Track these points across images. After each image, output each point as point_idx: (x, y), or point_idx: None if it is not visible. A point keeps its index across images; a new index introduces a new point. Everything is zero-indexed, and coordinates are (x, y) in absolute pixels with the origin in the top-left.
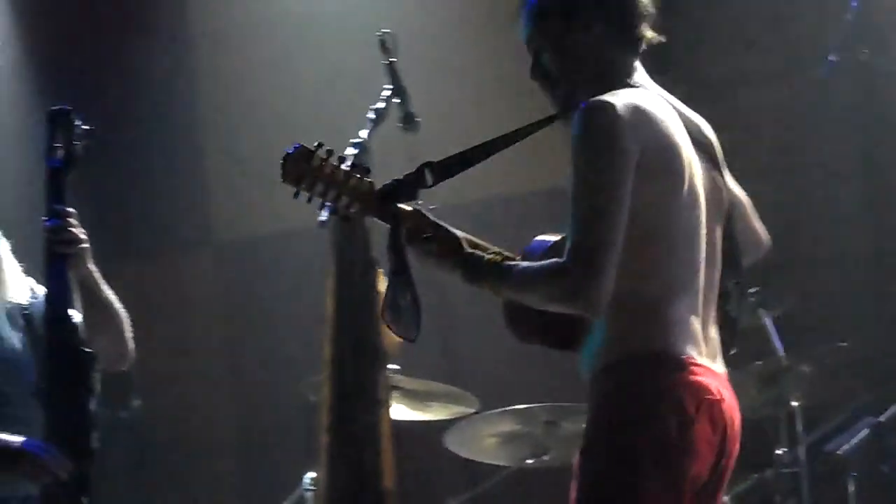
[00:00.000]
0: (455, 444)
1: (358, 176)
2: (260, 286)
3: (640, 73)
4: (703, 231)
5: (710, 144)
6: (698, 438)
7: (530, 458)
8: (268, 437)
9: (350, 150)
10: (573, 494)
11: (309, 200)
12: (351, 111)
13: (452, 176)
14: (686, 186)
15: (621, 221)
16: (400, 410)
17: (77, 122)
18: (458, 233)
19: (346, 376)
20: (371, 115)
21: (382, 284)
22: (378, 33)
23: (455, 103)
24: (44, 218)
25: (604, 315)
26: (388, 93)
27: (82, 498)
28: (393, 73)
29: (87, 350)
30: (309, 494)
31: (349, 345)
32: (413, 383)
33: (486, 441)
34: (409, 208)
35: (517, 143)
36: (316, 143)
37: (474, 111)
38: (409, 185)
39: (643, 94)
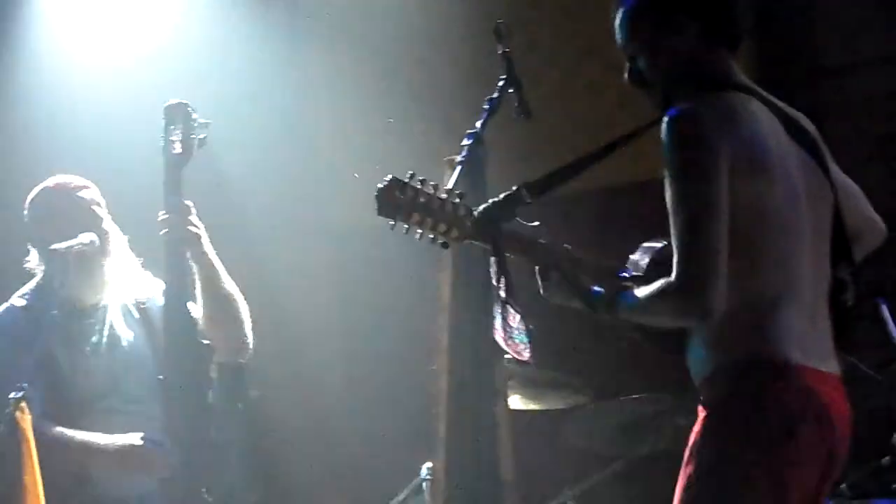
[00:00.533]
0: (571, 433)
1: (454, 201)
2: (379, 275)
3: (735, 72)
4: (806, 228)
5: (812, 140)
6: (805, 446)
7: (646, 448)
8: (385, 426)
9: (465, 142)
10: (676, 495)
11: (407, 231)
12: (464, 101)
13: (549, 193)
14: (781, 186)
15: (721, 227)
16: (516, 400)
17: (194, 116)
18: (561, 248)
19: (463, 366)
20: (486, 106)
21: None
22: (497, 21)
23: (568, 93)
24: (161, 211)
25: (707, 328)
26: (503, 83)
27: (202, 488)
28: (508, 63)
29: (204, 342)
30: (426, 484)
31: (466, 335)
32: (529, 373)
33: (602, 431)
34: (510, 229)
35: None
36: (409, 173)
37: (588, 99)
38: (506, 206)
39: (733, 95)
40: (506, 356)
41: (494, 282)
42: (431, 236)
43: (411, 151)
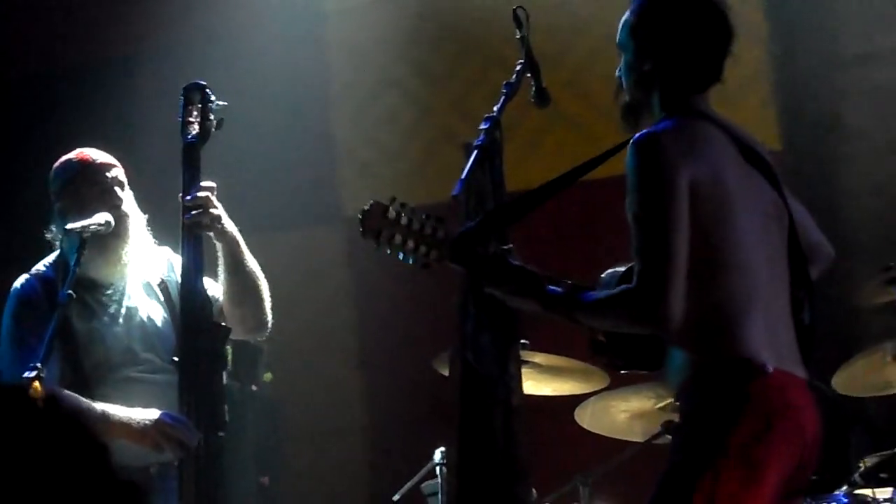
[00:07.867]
0: (585, 419)
1: (433, 225)
2: (390, 260)
3: (703, 101)
4: (763, 246)
5: (768, 165)
6: (780, 442)
7: (660, 435)
8: (398, 411)
9: (482, 126)
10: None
11: (389, 252)
12: (481, 86)
13: (523, 217)
14: (740, 206)
15: (681, 244)
16: (531, 385)
17: (211, 98)
18: (531, 268)
19: (476, 349)
20: (503, 90)
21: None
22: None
23: (585, 79)
24: (180, 193)
25: (681, 334)
26: (521, 67)
27: (214, 468)
28: (526, 48)
29: (220, 323)
30: (441, 469)
31: (479, 317)
32: (544, 358)
33: (617, 417)
34: (484, 251)
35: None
36: (390, 198)
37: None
38: (481, 230)
39: (695, 122)
40: (521, 341)
41: (466, 300)
42: (412, 259)
43: (428, 135)
